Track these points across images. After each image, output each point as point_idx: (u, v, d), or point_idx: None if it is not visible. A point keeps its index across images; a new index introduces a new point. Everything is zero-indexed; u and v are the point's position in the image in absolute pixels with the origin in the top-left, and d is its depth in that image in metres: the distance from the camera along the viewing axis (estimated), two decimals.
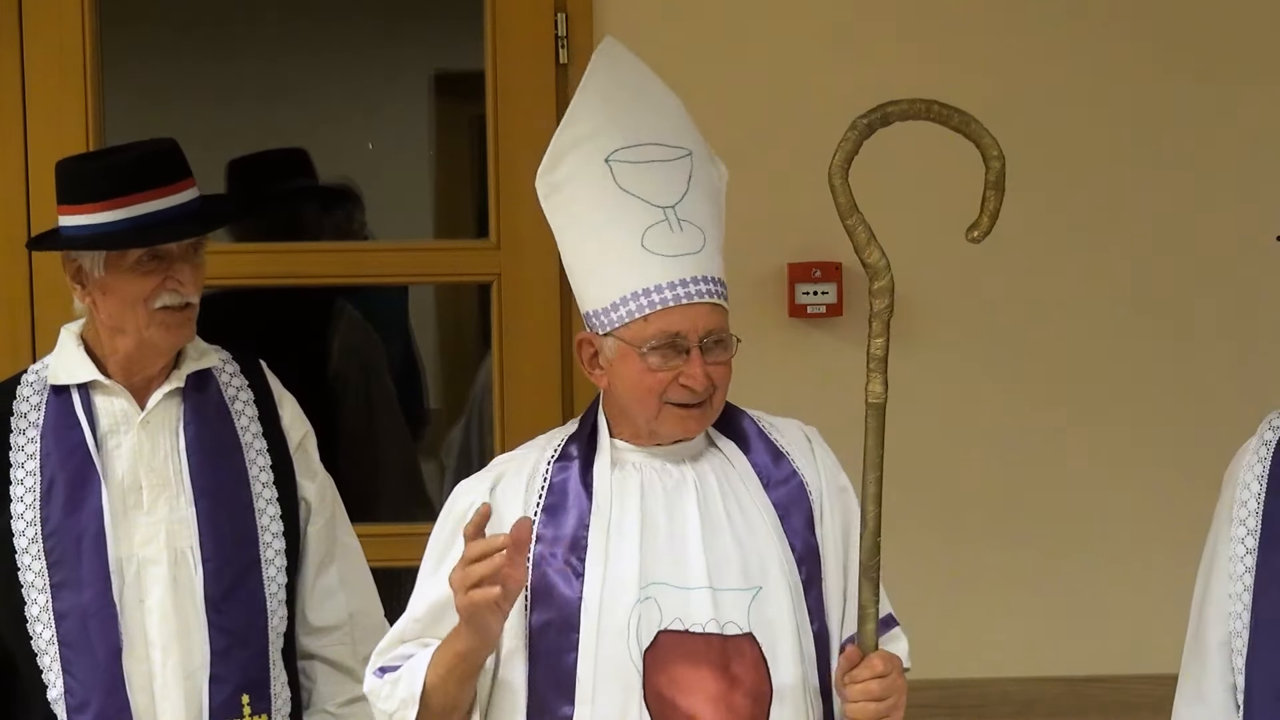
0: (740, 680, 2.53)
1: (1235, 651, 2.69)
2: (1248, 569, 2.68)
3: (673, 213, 2.58)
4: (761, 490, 2.64)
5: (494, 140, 3.83)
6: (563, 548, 2.56)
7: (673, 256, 2.56)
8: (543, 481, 2.60)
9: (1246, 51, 3.87)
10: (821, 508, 2.67)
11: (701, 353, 2.55)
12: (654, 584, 2.53)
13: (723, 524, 2.59)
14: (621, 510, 2.57)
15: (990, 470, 3.88)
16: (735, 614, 2.55)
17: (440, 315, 5.23)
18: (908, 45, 3.84)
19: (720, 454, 2.66)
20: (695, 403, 2.57)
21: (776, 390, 3.83)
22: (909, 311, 3.86)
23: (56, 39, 3.76)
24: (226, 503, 2.97)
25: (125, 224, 2.89)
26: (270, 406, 3.05)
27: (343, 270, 4.03)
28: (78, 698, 2.90)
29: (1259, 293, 3.85)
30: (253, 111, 4.78)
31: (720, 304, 2.59)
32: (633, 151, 2.59)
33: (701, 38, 3.83)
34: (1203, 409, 3.81)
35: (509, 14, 3.83)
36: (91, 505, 2.92)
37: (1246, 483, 2.72)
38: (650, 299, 2.54)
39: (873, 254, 2.60)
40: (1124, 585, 3.76)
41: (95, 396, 2.96)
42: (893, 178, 3.71)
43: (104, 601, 2.90)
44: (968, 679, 3.84)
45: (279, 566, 3.00)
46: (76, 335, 3.00)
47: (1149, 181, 3.88)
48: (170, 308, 2.90)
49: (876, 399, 2.61)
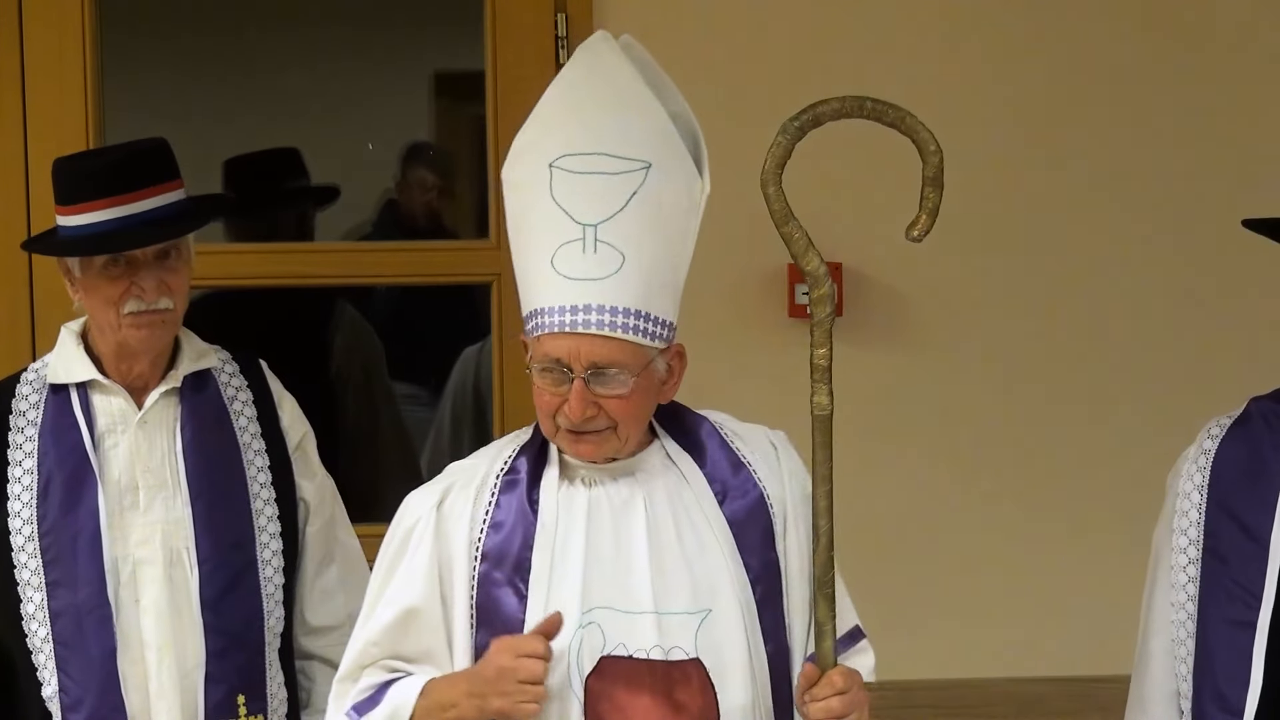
0: (685, 706, 2.48)
1: (1179, 659, 2.71)
2: (1190, 579, 2.70)
3: (593, 231, 2.46)
4: (716, 507, 2.57)
5: (494, 140, 3.83)
6: (508, 567, 2.51)
7: (575, 280, 2.46)
8: (490, 496, 2.54)
9: (1252, 49, 3.87)
10: (785, 520, 2.59)
11: (587, 384, 2.46)
12: (597, 608, 2.48)
13: (672, 545, 2.52)
14: (567, 531, 2.51)
15: (990, 470, 3.89)
16: (682, 639, 2.50)
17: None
18: (910, 43, 3.84)
19: (675, 468, 2.58)
20: (578, 430, 2.49)
21: (776, 390, 3.83)
22: (909, 311, 3.88)
23: (56, 40, 3.77)
24: (223, 503, 2.97)
25: (95, 228, 2.90)
26: (270, 407, 3.06)
27: (343, 270, 4.03)
28: (72, 696, 2.91)
29: (1262, 289, 3.85)
30: (253, 111, 4.78)
31: (617, 337, 2.46)
32: (578, 160, 2.49)
33: (702, 38, 3.84)
34: (1204, 409, 3.78)
35: (509, 14, 3.83)
36: (88, 504, 2.92)
37: (1187, 492, 2.73)
38: (541, 321, 2.48)
39: (811, 261, 2.52)
40: (1124, 585, 3.75)
41: (94, 396, 2.97)
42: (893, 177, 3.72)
43: (99, 600, 2.91)
44: (968, 679, 3.84)
45: (276, 567, 3.00)
46: (76, 334, 3.02)
47: (1150, 180, 3.88)
48: (138, 312, 2.91)
49: (823, 410, 2.51)
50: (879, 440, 3.84)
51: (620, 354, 2.47)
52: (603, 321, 2.45)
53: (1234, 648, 2.63)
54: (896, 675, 3.73)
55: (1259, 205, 3.78)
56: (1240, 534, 2.66)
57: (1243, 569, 2.64)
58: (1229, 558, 2.67)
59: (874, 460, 3.82)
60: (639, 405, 2.51)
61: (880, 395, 3.85)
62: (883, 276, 3.83)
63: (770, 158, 2.45)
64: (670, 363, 2.57)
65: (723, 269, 3.83)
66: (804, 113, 2.46)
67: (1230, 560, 2.66)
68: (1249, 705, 2.60)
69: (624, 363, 2.47)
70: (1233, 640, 2.63)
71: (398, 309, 4.61)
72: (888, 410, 3.87)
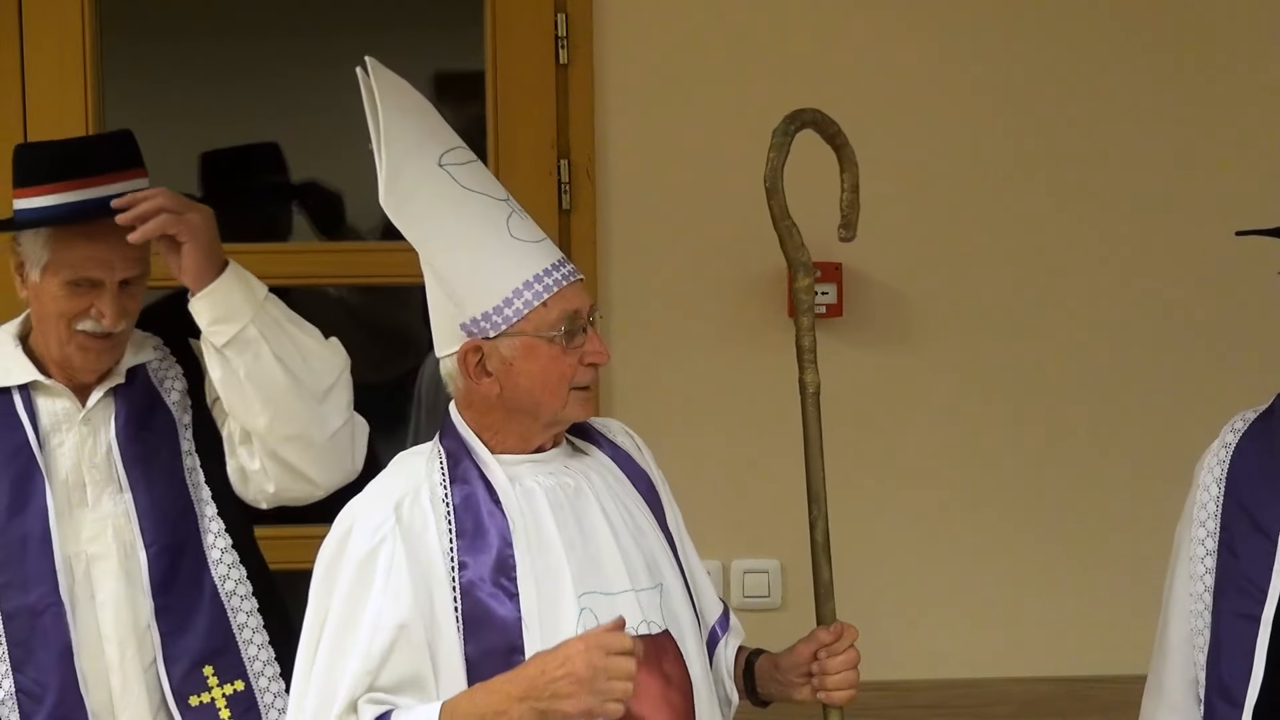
0: (671, 677, 2.53)
1: (1197, 649, 2.72)
2: (1208, 569, 2.71)
3: (514, 202, 2.59)
4: (632, 488, 2.65)
5: (494, 140, 3.83)
6: (489, 569, 2.49)
7: (537, 243, 2.56)
8: (445, 505, 2.52)
9: (1247, 55, 3.87)
10: (666, 503, 2.71)
11: (594, 327, 2.57)
12: (586, 593, 2.50)
13: (621, 525, 2.58)
14: (538, 525, 2.52)
15: (990, 470, 3.88)
16: (652, 613, 2.55)
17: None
18: (907, 46, 3.84)
19: (586, 456, 2.65)
20: (593, 382, 2.57)
21: (776, 390, 3.84)
22: (909, 311, 3.88)
23: (56, 40, 3.76)
24: (161, 485, 2.94)
25: (49, 210, 2.87)
26: (198, 376, 3.01)
27: (341, 270, 4.03)
28: (31, 696, 2.89)
29: (1266, 291, 3.85)
30: (252, 111, 4.78)
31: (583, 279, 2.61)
32: (452, 154, 2.57)
33: (701, 38, 3.84)
34: (1206, 409, 3.78)
35: (509, 14, 3.83)
36: (36, 505, 2.90)
37: (1206, 485, 2.75)
38: (544, 284, 2.52)
39: (804, 254, 2.74)
40: (1124, 585, 3.76)
41: (36, 396, 2.94)
42: (892, 177, 3.72)
43: (52, 599, 2.88)
44: (968, 679, 3.85)
45: (217, 531, 2.96)
46: (14, 336, 2.98)
47: (1149, 180, 3.88)
48: (90, 333, 2.89)
49: (813, 387, 2.75)
50: (878, 439, 3.84)
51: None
52: (575, 269, 2.58)
53: (1239, 641, 2.64)
54: (896, 675, 3.74)
55: (1260, 204, 3.80)
56: (1252, 528, 2.67)
57: (1252, 563, 2.65)
58: (1240, 551, 2.68)
59: (873, 459, 3.82)
60: None
61: (879, 395, 3.86)
62: (882, 276, 3.83)
63: (769, 161, 2.65)
64: None
65: (723, 269, 3.83)
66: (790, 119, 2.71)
67: (1241, 554, 2.68)
68: (1249, 698, 2.61)
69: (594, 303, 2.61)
70: (1239, 633, 2.64)
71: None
72: (887, 409, 3.87)
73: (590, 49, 3.82)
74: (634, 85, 3.84)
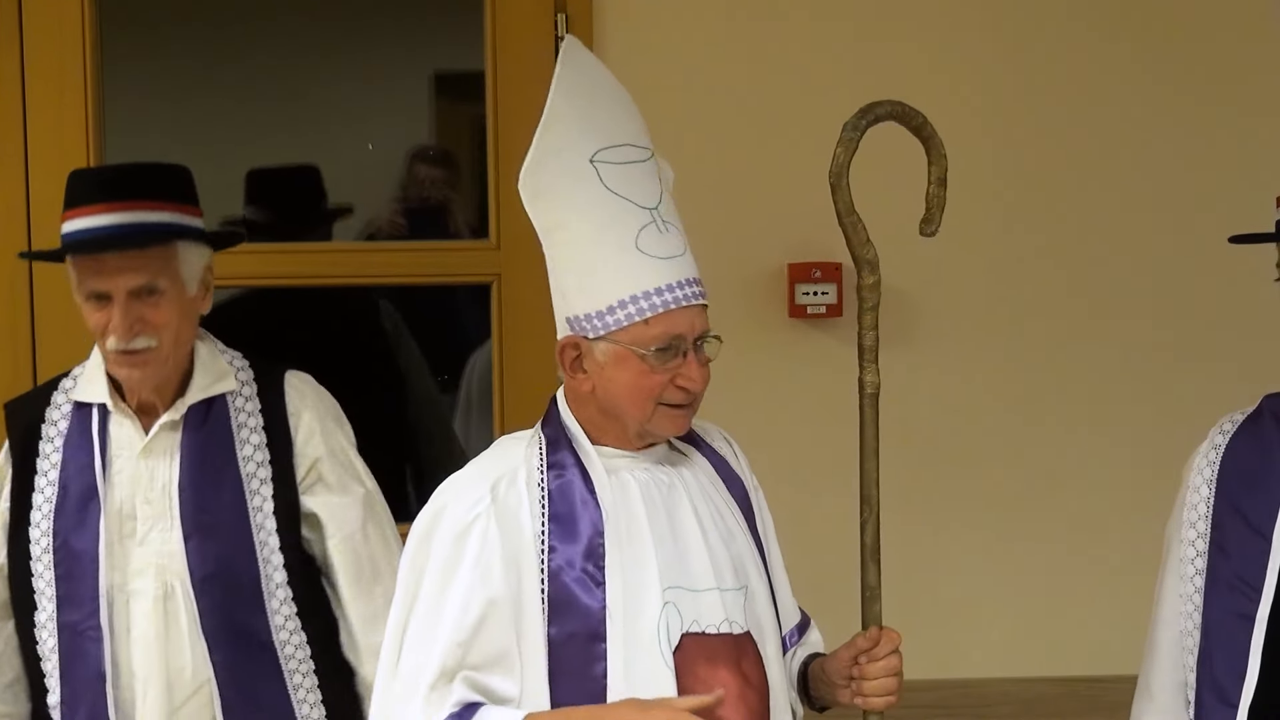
0: (749, 678, 2.56)
1: (1187, 650, 2.73)
2: (1198, 571, 2.73)
3: (657, 214, 2.58)
4: (727, 491, 2.68)
5: (494, 140, 3.84)
6: (579, 556, 2.52)
7: (665, 259, 2.56)
8: (540, 490, 2.56)
9: (1238, 59, 3.87)
10: (757, 506, 2.73)
11: (699, 352, 2.57)
12: (671, 588, 2.53)
13: (711, 525, 2.61)
14: (630, 518, 2.55)
15: (990, 470, 3.89)
16: (735, 613, 2.57)
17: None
18: (907, 46, 3.84)
19: (684, 456, 2.68)
20: (688, 402, 2.58)
21: (776, 390, 3.85)
22: (910, 308, 3.87)
23: (57, 44, 3.77)
24: (221, 535, 2.92)
25: (80, 234, 2.85)
26: (282, 430, 2.98)
27: (345, 270, 4.03)
28: (70, 708, 2.91)
29: (1267, 292, 3.84)
30: (252, 112, 4.77)
31: (706, 305, 2.61)
32: (612, 152, 2.58)
33: (701, 38, 3.84)
34: (1207, 409, 3.78)
35: (509, 14, 3.84)
36: (91, 528, 2.91)
37: (1196, 486, 2.76)
38: (651, 302, 2.54)
39: (869, 251, 2.69)
40: (1124, 585, 3.76)
41: (110, 418, 2.94)
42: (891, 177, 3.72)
43: (91, 624, 2.89)
44: (968, 679, 3.85)
45: (285, 596, 2.95)
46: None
47: (1149, 181, 3.88)
48: (118, 350, 2.86)
49: (872, 388, 2.73)
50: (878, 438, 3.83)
51: (707, 320, 2.60)
52: (698, 293, 2.58)
53: (1233, 640, 2.65)
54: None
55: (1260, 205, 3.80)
56: (1244, 528, 2.68)
57: (1245, 563, 2.66)
58: (1232, 551, 2.69)
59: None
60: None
61: (881, 394, 3.85)
62: (883, 276, 3.83)
63: (835, 156, 2.65)
64: None
65: (723, 269, 3.82)
66: (863, 114, 2.69)
67: (1233, 554, 2.68)
68: (1244, 697, 2.62)
69: (710, 328, 2.60)
70: (1232, 633, 2.65)
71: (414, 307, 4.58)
72: (887, 409, 3.84)
73: (590, 48, 3.81)
74: (633, 85, 3.82)
